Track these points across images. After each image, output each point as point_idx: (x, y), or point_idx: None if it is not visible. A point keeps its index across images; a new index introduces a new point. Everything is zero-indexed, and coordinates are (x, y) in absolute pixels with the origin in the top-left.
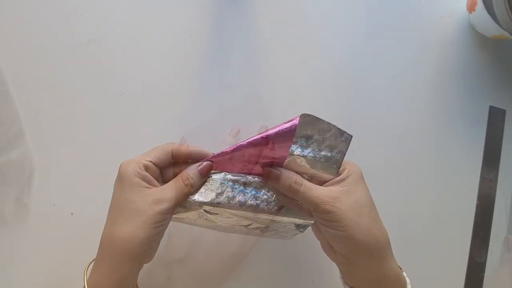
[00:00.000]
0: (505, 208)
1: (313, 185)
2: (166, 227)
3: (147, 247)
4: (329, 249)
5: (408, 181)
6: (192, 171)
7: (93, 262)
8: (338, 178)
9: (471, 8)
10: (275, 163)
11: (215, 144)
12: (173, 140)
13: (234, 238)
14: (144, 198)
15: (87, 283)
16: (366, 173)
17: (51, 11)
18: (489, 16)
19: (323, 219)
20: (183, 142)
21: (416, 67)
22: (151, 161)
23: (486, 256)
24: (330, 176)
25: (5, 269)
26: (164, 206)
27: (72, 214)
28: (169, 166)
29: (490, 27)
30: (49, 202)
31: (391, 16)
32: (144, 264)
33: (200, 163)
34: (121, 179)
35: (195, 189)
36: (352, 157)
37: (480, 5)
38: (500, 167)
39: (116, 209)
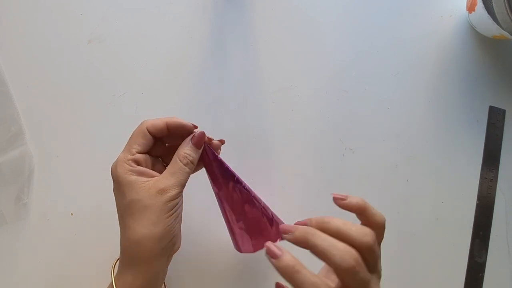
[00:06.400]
0: (505, 208)
1: (311, 273)
2: (181, 211)
3: (168, 239)
4: None
5: (408, 181)
6: (186, 147)
7: (118, 261)
8: None
9: (471, 8)
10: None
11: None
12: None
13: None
14: (147, 193)
15: (115, 284)
16: (366, 173)
17: (51, 11)
18: (489, 16)
19: None
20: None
21: (416, 67)
22: (137, 152)
23: (486, 256)
24: None
25: (5, 269)
26: (170, 193)
27: (72, 214)
28: (154, 145)
29: (490, 27)
30: (49, 202)
31: (390, 16)
32: None
33: (192, 135)
34: (117, 184)
35: (196, 163)
36: (352, 157)
37: (480, 5)
38: (500, 167)
39: (124, 213)
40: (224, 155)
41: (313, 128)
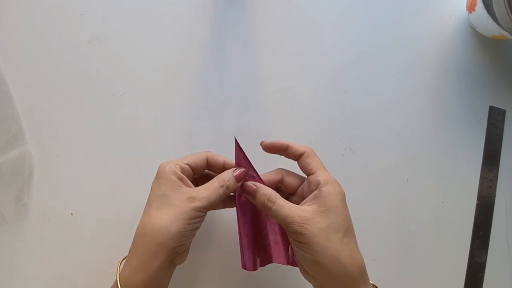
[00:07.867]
0: (505, 208)
1: (287, 203)
2: (199, 226)
3: (178, 242)
4: (303, 268)
5: (408, 181)
6: (227, 175)
7: (126, 257)
8: (316, 193)
9: (471, 8)
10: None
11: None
12: (174, 138)
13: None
14: (179, 195)
15: (119, 276)
16: (366, 174)
17: (51, 11)
18: (489, 16)
19: (293, 239)
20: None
21: (416, 67)
22: (187, 164)
23: (486, 256)
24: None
25: (5, 269)
26: (198, 203)
27: (72, 214)
28: (203, 174)
29: (490, 27)
30: (49, 202)
31: (390, 16)
32: None
33: (235, 168)
34: (159, 177)
35: (231, 191)
36: (352, 157)
37: (480, 5)
38: (500, 167)
39: (152, 203)
40: (225, 155)
41: (313, 128)
